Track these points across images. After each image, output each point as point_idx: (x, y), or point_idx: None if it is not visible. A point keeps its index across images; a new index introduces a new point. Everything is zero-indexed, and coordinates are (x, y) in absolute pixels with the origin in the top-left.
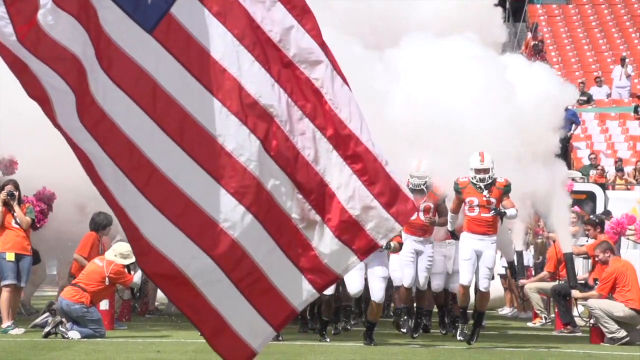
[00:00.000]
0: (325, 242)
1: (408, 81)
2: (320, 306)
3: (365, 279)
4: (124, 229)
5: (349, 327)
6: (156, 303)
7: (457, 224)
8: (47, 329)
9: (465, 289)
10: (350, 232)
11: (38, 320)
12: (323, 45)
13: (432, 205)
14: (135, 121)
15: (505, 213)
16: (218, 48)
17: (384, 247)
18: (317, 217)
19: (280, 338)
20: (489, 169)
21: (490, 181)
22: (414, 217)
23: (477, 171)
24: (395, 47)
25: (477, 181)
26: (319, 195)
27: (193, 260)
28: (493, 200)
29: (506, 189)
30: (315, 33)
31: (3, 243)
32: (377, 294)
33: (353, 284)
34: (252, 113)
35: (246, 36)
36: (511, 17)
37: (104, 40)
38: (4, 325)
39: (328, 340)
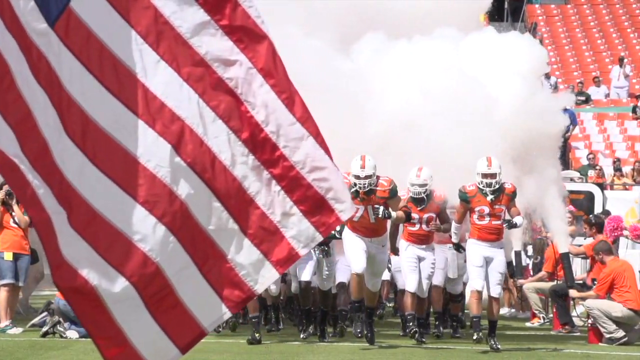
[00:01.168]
0: (242, 253)
1: (382, 93)
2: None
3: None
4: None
5: (344, 327)
6: None
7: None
8: (45, 329)
9: (479, 294)
10: (270, 241)
11: (36, 319)
12: (241, 42)
13: (434, 216)
14: (49, 120)
15: (516, 224)
16: (120, 46)
17: (382, 216)
18: (235, 226)
19: (281, 327)
20: (496, 173)
21: (497, 186)
22: (416, 227)
23: (484, 176)
24: (373, 52)
25: (483, 186)
26: (237, 201)
27: (104, 276)
28: (503, 207)
29: (514, 195)
30: (229, 30)
31: (1, 242)
32: (374, 285)
33: (357, 263)
34: (160, 116)
35: (150, 33)
36: (510, 17)
37: (21, 31)
38: (2, 325)
39: (326, 340)
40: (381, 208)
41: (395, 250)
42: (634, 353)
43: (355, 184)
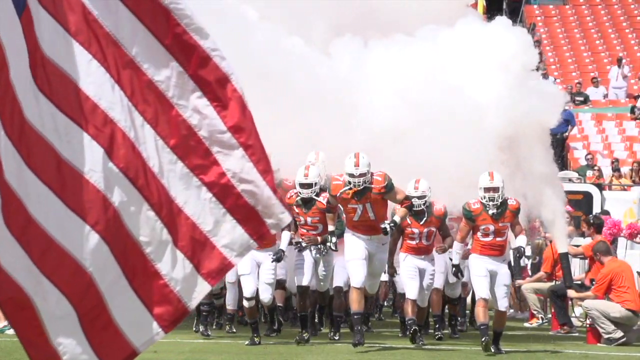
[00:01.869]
0: (177, 267)
1: (366, 102)
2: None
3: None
4: None
5: (336, 338)
6: None
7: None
8: None
9: (486, 302)
10: (202, 252)
11: None
12: (172, 47)
13: (434, 230)
14: None
15: (524, 251)
16: (50, 45)
17: (390, 229)
18: (169, 238)
19: (276, 327)
20: (498, 187)
21: (501, 200)
22: (416, 241)
23: (487, 190)
24: (354, 59)
25: (486, 200)
26: (168, 212)
27: (39, 285)
28: (507, 224)
29: (517, 212)
30: (160, 33)
31: None
32: (371, 287)
33: (356, 277)
34: (92, 118)
35: (81, 31)
36: (508, 17)
37: None
38: (0, 325)
39: (321, 330)
40: (386, 225)
41: (393, 270)
42: (633, 353)
43: (349, 182)
